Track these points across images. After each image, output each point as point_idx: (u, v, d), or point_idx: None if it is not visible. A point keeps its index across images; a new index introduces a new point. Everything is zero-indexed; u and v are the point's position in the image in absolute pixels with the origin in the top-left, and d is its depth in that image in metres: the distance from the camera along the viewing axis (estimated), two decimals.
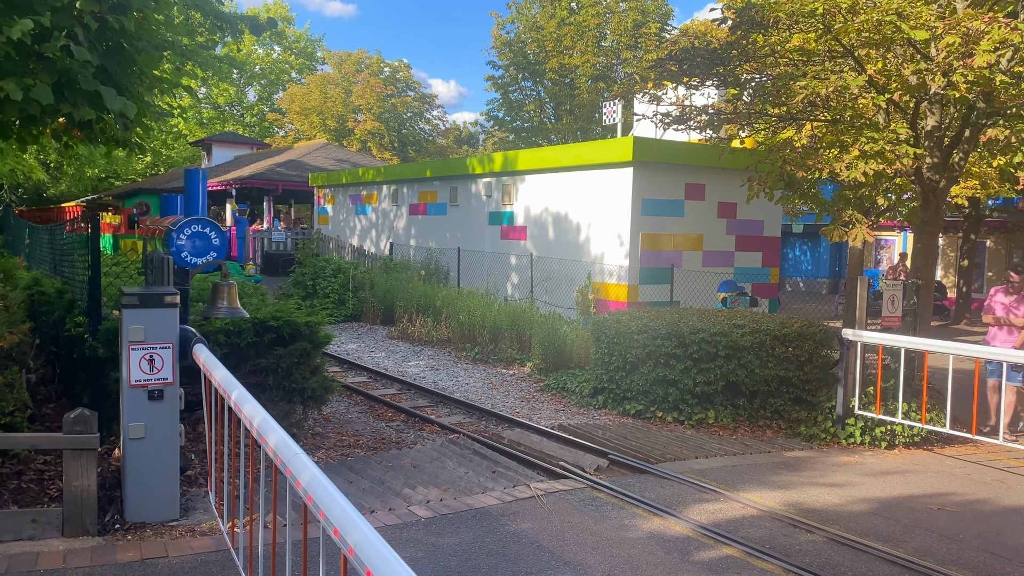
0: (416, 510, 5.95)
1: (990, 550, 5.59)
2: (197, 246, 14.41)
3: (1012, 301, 9.06)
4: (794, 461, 7.75)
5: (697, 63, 10.66)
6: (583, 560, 5.13)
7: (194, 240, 14.21)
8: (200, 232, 14.73)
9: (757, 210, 14.83)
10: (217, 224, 14.75)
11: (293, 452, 3.03)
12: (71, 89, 5.11)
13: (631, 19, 28.80)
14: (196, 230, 14.89)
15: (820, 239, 30.95)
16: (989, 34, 7.88)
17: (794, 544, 5.54)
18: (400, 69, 49.30)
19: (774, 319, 9.60)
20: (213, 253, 14.86)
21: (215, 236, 15.35)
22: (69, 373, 7.59)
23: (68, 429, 5.13)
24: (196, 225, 14.93)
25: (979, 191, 16.30)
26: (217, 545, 5.10)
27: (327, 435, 8.18)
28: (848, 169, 8.88)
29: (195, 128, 46.62)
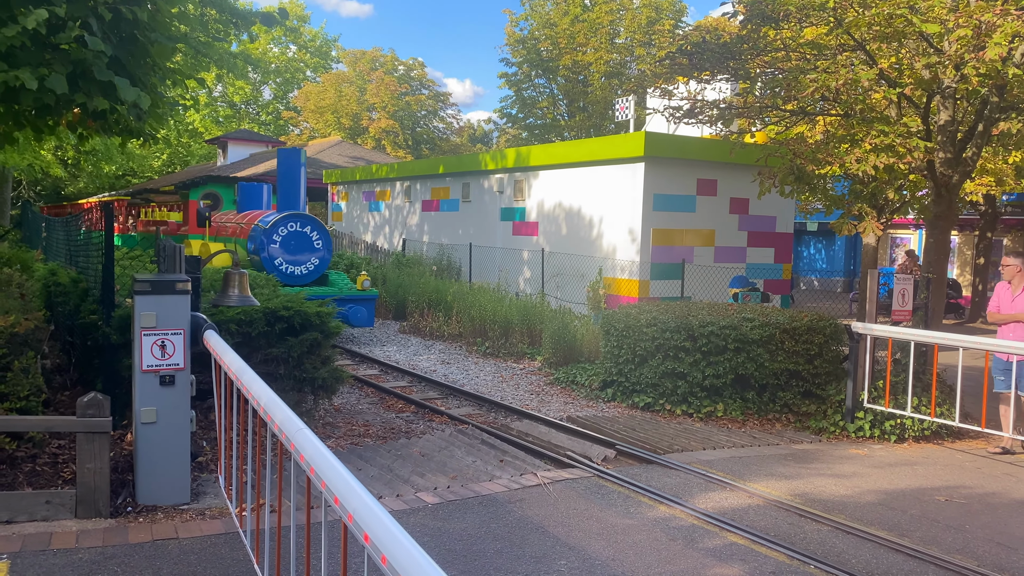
0: (423, 496, 6.01)
1: (996, 540, 5.58)
2: (294, 250, 12.88)
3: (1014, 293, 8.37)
4: (802, 453, 7.75)
5: (708, 57, 10.66)
6: (588, 546, 5.17)
7: (290, 242, 12.81)
8: (298, 232, 13.02)
9: (769, 206, 14.79)
10: (319, 222, 13.08)
11: (297, 428, 3.09)
12: (85, 79, 5.19)
13: (645, 16, 28.76)
14: (293, 229, 12.99)
15: (835, 237, 30.81)
16: (1001, 27, 7.85)
17: (799, 532, 5.55)
18: (414, 67, 49.43)
19: (784, 313, 9.60)
20: (315, 260, 13.15)
21: (317, 237, 13.30)
22: (84, 361, 7.71)
23: (81, 413, 5.22)
24: (293, 223, 13.03)
25: (994, 188, 16.18)
26: (226, 528, 5.18)
27: (337, 425, 8.26)
28: (858, 163, 8.87)
29: (211, 126, 46.94)
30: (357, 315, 12.77)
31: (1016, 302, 8.23)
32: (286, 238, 12.75)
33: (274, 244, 12.65)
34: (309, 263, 12.97)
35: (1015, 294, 8.28)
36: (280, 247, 12.69)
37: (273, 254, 12.72)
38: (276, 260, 12.68)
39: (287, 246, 12.71)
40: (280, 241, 12.68)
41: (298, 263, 12.85)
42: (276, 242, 12.66)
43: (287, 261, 12.81)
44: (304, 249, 12.90)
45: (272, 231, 12.71)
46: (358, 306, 12.82)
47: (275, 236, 12.72)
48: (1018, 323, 8.15)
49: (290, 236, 12.78)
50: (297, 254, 12.83)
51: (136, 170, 39.60)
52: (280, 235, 12.74)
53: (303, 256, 12.89)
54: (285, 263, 12.78)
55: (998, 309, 8.38)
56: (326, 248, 13.20)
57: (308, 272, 12.97)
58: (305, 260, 12.90)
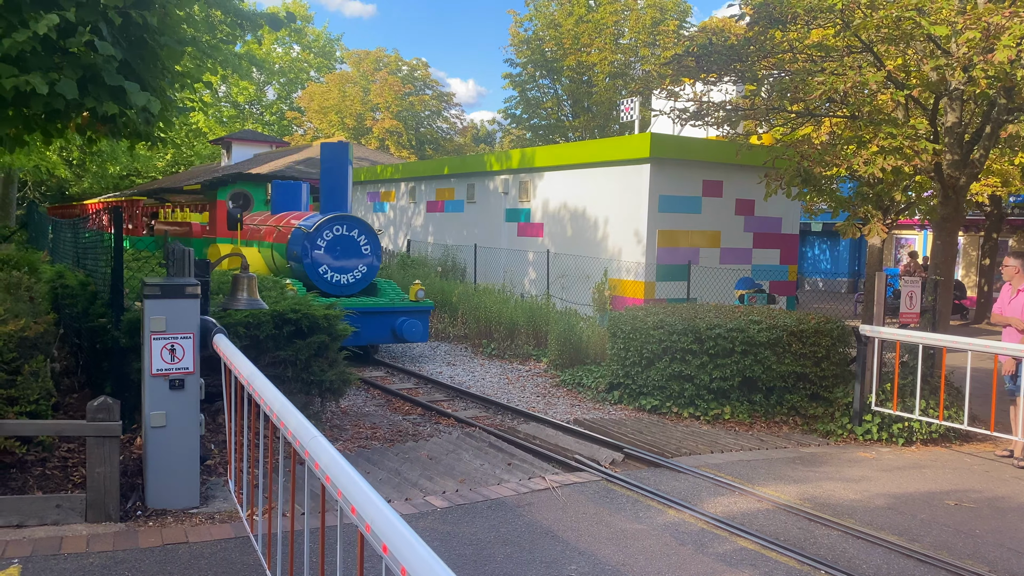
0: (432, 500, 6.01)
1: (1007, 545, 5.56)
2: (341, 256, 11.69)
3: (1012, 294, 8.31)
4: (810, 456, 7.74)
5: (714, 59, 10.65)
6: (597, 551, 5.16)
7: (336, 248, 11.65)
8: (345, 236, 11.80)
9: (775, 207, 14.77)
10: (367, 224, 12.06)
11: (311, 435, 3.09)
12: (95, 83, 5.20)
13: (649, 16, 28.73)
14: (340, 233, 11.77)
15: (839, 238, 30.76)
16: (1010, 29, 7.82)
17: (809, 537, 5.54)
18: (418, 68, 49.43)
19: (791, 315, 9.58)
20: (362, 267, 11.93)
21: (365, 242, 12.06)
22: (92, 363, 7.72)
23: (91, 417, 5.23)
24: (340, 226, 11.81)
25: (1000, 189, 16.14)
26: (236, 532, 5.19)
27: (345, 427, 8.26)
28: (866, 165, 8.85)
29: (215, 126, 46.99)
30: (411, 329, 11.46)
31: (1013, 304, 8.21)
32: (332, 243, 11.66)
33: (318, 250, 11.57)
34: (356, 271, 11.87)
35: (1012, 296, 8.27)
36: (325, 253, 11.62)
37: (317, 261, 11.63)
38: (320, 268, 11.60)
39: (333, 252, 11.65)
40: (325, 246, 11.60)
41: (344, 271, 11.77)
42: (321, 247, 11.57)
43: (332, 269, 11.70)
44: (351, 255, 11.82)
45: (316, 235, 11.62)
46: (412, 319, 11.57)
47: (319, 241, 11.62)
48: (1011, 327, 8.11)
49: (336, 241, 11.70)
50: (343, 261, 11.76)
51: (140, 170, 39.63)
52: (325, 239, 11.64)
53: (350, 263, 11.80)
54: (330, 271, 11.68)
55: (1000, 311, 8.40)
56: (374, 254, 12.08)
57: (355, 281, 11.88)
58: (352, 267, 11.81)
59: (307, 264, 11.45)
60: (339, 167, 12.24)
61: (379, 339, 11.52)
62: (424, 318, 11.80)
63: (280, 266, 12.54)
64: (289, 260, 12.06)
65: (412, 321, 11.41)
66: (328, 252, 11.60)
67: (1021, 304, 8.10)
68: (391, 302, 11.68)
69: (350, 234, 11.77)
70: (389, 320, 11.47)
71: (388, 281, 12.55)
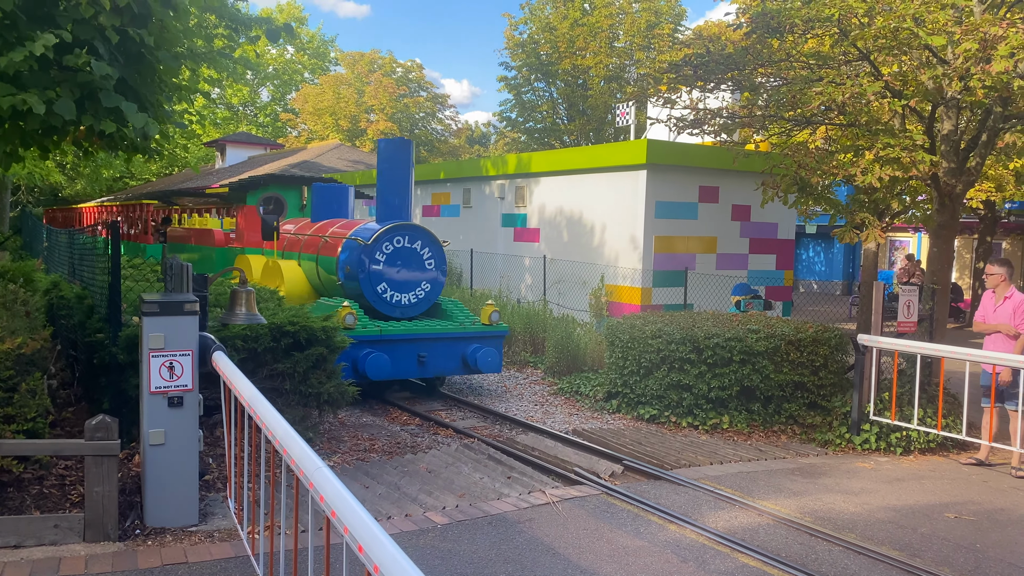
0: (432, 516, 5.99)
1: (1008, 560, 5.57)
2: (402, 272, 10.18)
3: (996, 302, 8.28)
4: (809, 467, 7.74)
5: (712, 68, 10.65)
6: (599, 569, 5.15)
7: (396, 262, 10.12)
8: (406, 249, 10.22)
9: (771, 213, 14.78)
10: (431, 233, 10.46)
11: (316, 466, 3.06)
12: (93, 101, 5.16)
13: (644, 20, 28.72)
14: (401, 244, 10.15)
15: (834, 240, 30.81)
16: (1007, 39, 7.84)
17: (811, 553, 5.54)
18: (413, 69, 49.39)
19: (789, 324, 9.58)
20: (426, 284, 10.31)
21: (429, 255, 10.41)
22: (88, 377, 7.67)
23: (90, 436, 5.20)
24: (401, 236, 10.19)
25: (994, 194, 16.20)
26: (236, 551, 5.15)
27: (343, 439, 8.23)
28: (864, 174, 8.85)
29: (209, 128, 46.89)
30: (487, 358, 9.93)
31: (999, 312, 8.21)
32: (392, 256, 10.16)
33: (377, 264, 10.05)
34: (419, 288, 10.39)
35: (997, 303, 8.25)
36: (385, 268, 10.11)
37: (376, 277, 10.08)
38: (379, 285, 10.09)
39: (393, 267, 10.18)
40: (385, 260, 10.09)
41: (406, 288, 10.28)
42: (380, 261, 10.06)
43: (392, 286, 10.20)
44: (413, 270, 10.36)
45: (375, 247, 10.04)
46: (487, 347, 10.04)
47: (379, 254, 10.05)
48: (999, 333, 8.11)
49: (397, 254, 10.21)
50: (405, 277, 10.31)
51: (134, 173, 39.50)
52: (385, 252, 10.10)
53: (412, 279, 10.33)
54: (390, 289, 10.18)
55: (983, 319, 8.37)
56: (439, 269, 10.56)
57: (417, 300, 10.41)
58: (415, 284, 10.34)
59: (363, 280, 10.02)
60: (399, 167, 10.55)
61: (448, 370, 10.06)
62: (499, 344, 10.33)
63: (326, 282, 11.03)
64: (340, 276, 10.54)
65: (487, 349, 9.97)
66: (388, 267, 10.16)
67: (1008, 311, 8.12)
68: (460, 326, 10.20)
69: (412, 246, 10.34)
70: (460, 347, 10.00)
71: (453, 300, 11.06)
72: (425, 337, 9.76)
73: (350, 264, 10.20)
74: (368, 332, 9.38)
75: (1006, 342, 8.06)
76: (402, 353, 9.55)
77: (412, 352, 9.63)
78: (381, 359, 9.18)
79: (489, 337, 10.23)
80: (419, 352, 9.67)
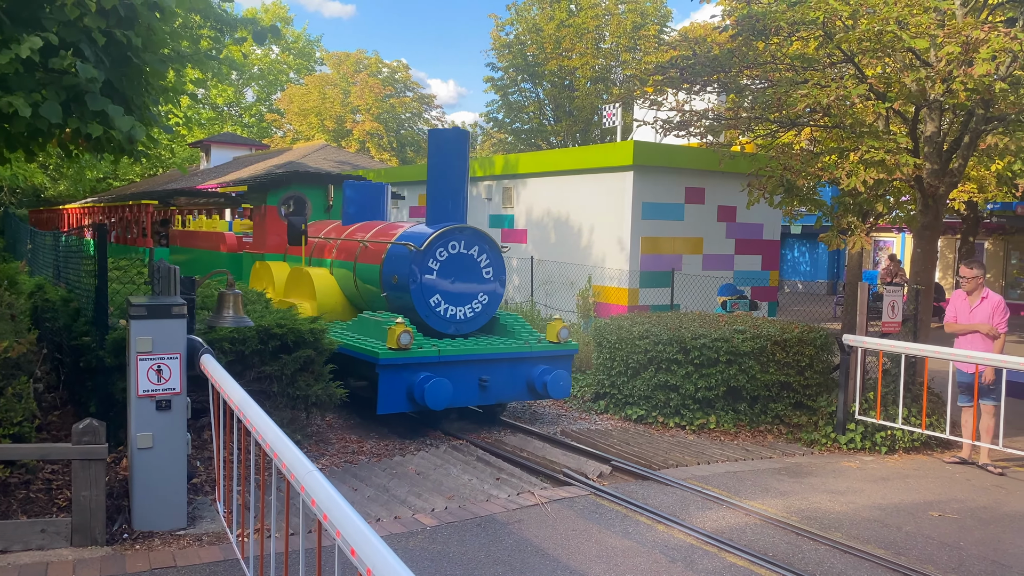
0: (422, 518, 6.00)
1: (990, 557, 5.64)
2: (457, 282, 8.89)
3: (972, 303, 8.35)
4: (795, 467, 7.80)
5: (697, 69, 10.71)
6: (588, 569, 5.17)
7: (451, 270, 8.82)
8: (462, 256, 8.89)
9: (757, 214, 14.87)
10: (489, 237, 9.15)
11: (307, 469, 3.07)
12: (79, 103, 5.14)
13: (630, 21, 28.83)
14: (456, 251, 8.79)
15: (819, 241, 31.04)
16: (989, 42, 7.93)
17: (797, 552, 5.59)
18: (399, 69, 49.35)
19: (774, 324, 9.66)
20: (483, 296, 8.96)
21: (487, 263, 9.03)
22: (75, 381, 7.63)
23: (77, 440, 5.17)
24: (456, 241, 8.82)
25: (977, 195, 16.36)
26: (225, 554, 5.15)
27: (331, 441, 8.22)
28: (849, 176, 8.93)
29: (194, 128, 46.66)
30: (557, 382, 8.64)
31: (975, 312, 8.29)
32: (447, 264, 8.86)
33: (430, 274, 8.75)
34: (475, 302, 9.07)
35: (973, 304, 8.33)
36: (439, 278, 8.81)
37: (428, 288, 8.76)
38: (432, 298, 8.80)
39: (447, 276, 8.88)
40: (439, 269, 8.81)
41: (461, 301, 8.99)
42: (433, 270, 8.77)
43: (447, 299, 8.89)
44: (470, 279, 9.06)
45: (428, 254, 8.74)
46: (557, 368, 8.80)
47: (432, 261, 8.76)
48: (977, 333, 8.21)
49: (452, 261, 8.90)
50: (461, 288, 9.01)
51: (118, 174, 39.24)
52: (439, 259, 8.83)
53: (469, 290, 9.04)
54: (444, 302, 8.87)
55: (955, 319, 8.43)
56: (497, 278, 9.23)
57: (474, 315, 9.09)
58: (470, 297, 9.04)
59: (414, 292, 8.71)
60: (453, 160, 9.03)
61: (511, 395, 8.86)
62: (568, 366, 9.08)
63: (365, 294, 9.79)
64: (383, 287, 9.25)
65: (558, 372, 8.70)
66: (442, 276, 8.86)
67: (987, 311, 8.22)
68: (525, 344, 8.88)
69: (469, 252, 9.03)
70: (524, 369, 8.79)
71: (512, 315, 9.66)
72: (488, 358, 8.54)
73: (398, 273, 8.93)
74: (425, 353, 8.16)
75: (984, 342, 8.15)
76: (462, 377, 8.34)
77: (473, 375, 8.44)
78: (442, 385, 7.94)
79: (558, 357, 9.00)
80: (480, 375, 8.47)
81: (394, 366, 7.99)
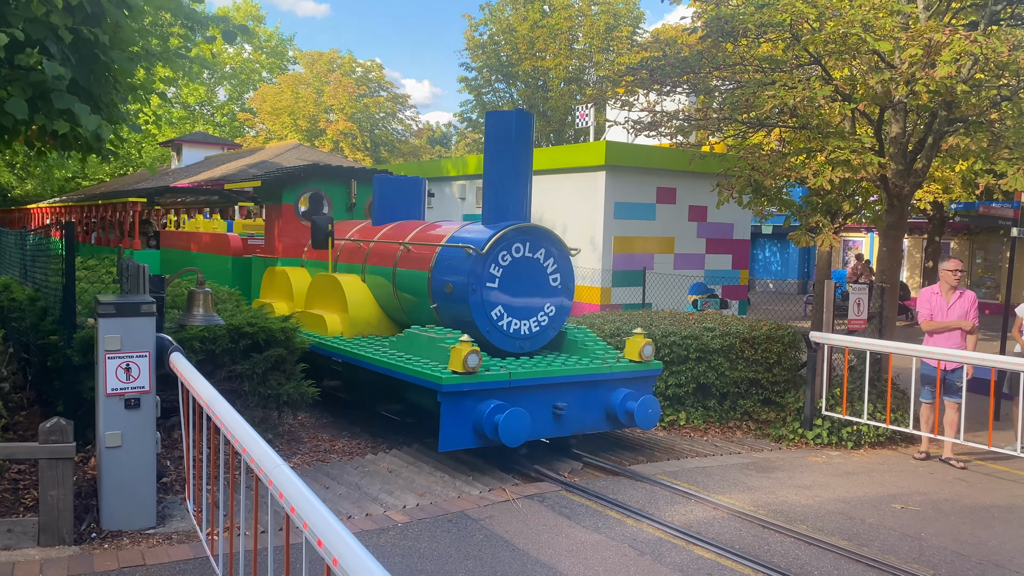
0: (393, 515, 6.02)
1: (950, 548, 5.78)
2: (520, 291, 7.59)
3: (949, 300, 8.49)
4: (764, 462, 7.92)
5: (668, 71, 10.83)
6: (558, 564, 5.23)
7: (514, 277, 7.55)
8: (528, 260, 7.65)
9: (727, 213, 15.05)
10: (556, 237, 7.97)
11: (275, 463, 3.10)
12: (45, 101, 5.11)
13: (603, 22, 29.02)
14: (521, 254, 7.68)
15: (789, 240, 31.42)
16: (950, 45, 8.11)
17: (763, 545, 5.69)
18: (372, 69, 49.19)
19: (744, 322, 9.79)
20: (550, 308, 7.84)
21: (554, 268, 7.94)
22: (42, 380, 7.56)
23: (44, 439, 5.14)
24: (521, 242, 7.73)
25: (942, 195, 16.67)
26: (195, 552, 5.14)
27: (303, 440, 8.21)
28: (815, 176, 9.09)
29: (165, 127, 46.16)
30: (645, 410, 7.38)
31: (953, 309, 8.43)
32: (510, 270, 7.56)
33: (492, 282, 7.46)
34: (541, 315, 7.77)
35: (951, 301, 8.46)
36: (501, 286, 7.52)
37: (490, 299, 7.46)
38: (494, 311, 7.49)
39: (511, 284, 7.58)
40: (502, 276, 7.51)
41: (525, 314, 7.68)
42: (495, 277, 7.48)
43: (510, 312, 7.57)
44: (535, 289, 7.74)
45: (490, 258, 7.45)
46: (644, 394, 7.52)
47: (494, 267, 7.47)
48: (954, 330, 8.37)
49: (516, 267, 7.60)
50: (525, 299, 7.68)
51: (87, 173, 38.72)
52: (502, 265, 7.52)
53: (533, 302, 7.73)
54: (507, 315, 7.56)
55: (931, 317, 8.49)
56: (565, 287, 7.94)
57: (540, 330, 7.81)
58: (536, 310, 7.73)
59: (474, 303, 7.42)
60: (515, 148, 7.66)
61: (588, 424, 7.52)
62: (651, 389, 7.90)
63: (408, 305, 8.47)
64: (433, 297, 7.94)
65: (647, 398, 7.41)
66: (505, 285, 7.56)
67: (964, 307, 8.37)
68: (604, 364, 7.54)
69: (535, 256, 7.73)
70: (602, 394, 7.49)
71: (580, 328, 8.34)
72: (563, 381, 7.25)
73: (454, 281, 7.64)
74: (495, 377, 6.86)
75: (962, 338, 8.31)
76: (535, 405, 7.07)
77: (546, 403, 7.17)
78: (519, 417, 6.66)
79: (641, 379, 7.72)
80: (555, 402, 7.20)
81: (459, 393, 6.69)
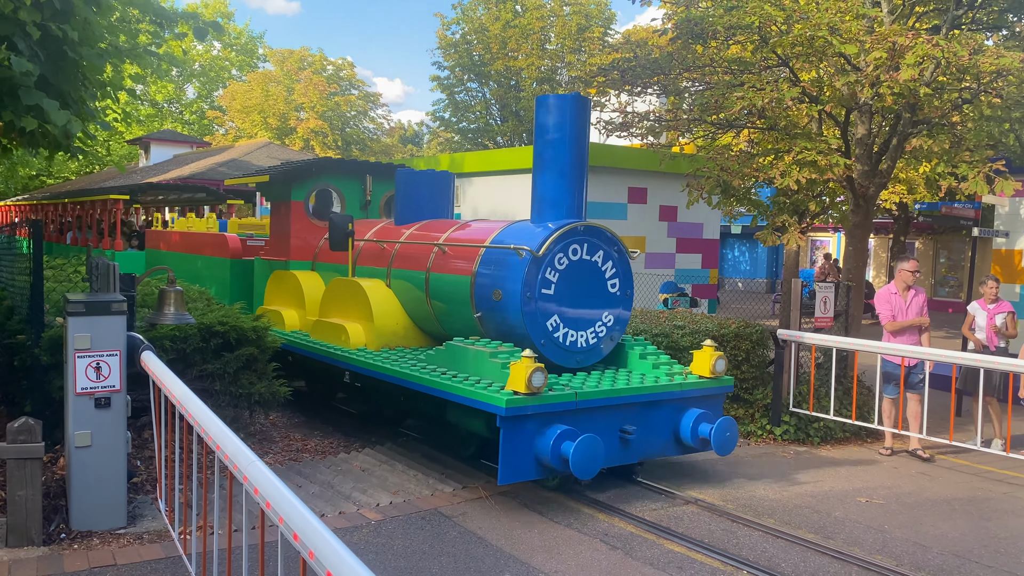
0: (367, 513, 6.04)
1: (913, 539, 5.92)
2: (576, 299, 6.83)
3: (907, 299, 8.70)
4: (732, 458, 8.03)
5: (639, 72, 10.94)
6: (531, 559, 5.28)
7: (570, 282, 6.78)
8: (584, 263, 6.87)
9: (697, 213, 15.20)
10: (614, 236, 7.17)
11: (249, 460, 3.11)
12: (12, 97, 5.06)
13: (575, 23, 29.14)
14: (578, 256, 6.94)
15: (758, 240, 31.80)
16: (913, 49, 8.28)
17: (732, 538, 5.79)
18: (344, 67, 48.89)
19: (713, 320, 9.91)
20: (608, 317, 7.15)
21: (613, 272, 7.25)
22: (8, 380, 7.45)
23: (12, 439, 5.09)
24: (578, 243, 6.96)
25: (907, 196, 16.99)
26: (167, 552, 5.12)
27: (275, 439, 8.19)
28: (783, 176, 9.23)
29: (133, 125, 45.53)
30: (723, 434, 6.63)
31: (911, 308, 8.67)
32: (566, 275, 6.80)
33: (547, 288, 6.68)
34: (599, 324, 7.04)
35: (908, 300, 8.68)
36: (557, 293, 6.74)
37: (546, 308, 6.70)
38: (549, 321, 6.73)
39: (567, 291, 6.81)
40: (558, 281, 6.73)
41: (582, 325, 6.93)
42: (551, 283, 6.70)
43: (566, 322, 6.81)
44: (593, 295, 7.00)
45: (546, 261, 6.66)
46: (718, 414, 6.95)
47: (550, 271, 6.68)
48: (911, 327, 8.62)
49: (573, 271, 6.85)
50: (582, 307, 6.93)
51: (52, 171, 38.11)
52: (558, 268, 6.74)
53: (590, 311, 6.99)
54: (563, 325, 6.80)
55: (894, 317, 8.69)
56: (624, 293, 7.28)
57: (598, 341, 7.07)
58: (593, 319, 6.99)
59: (527, 313, 6.59)
60: (570, 138, 6.90)
61: (656, 450, 6.78)
62: (721, 408, 7.14)
63: (443, 314, 7.71)
64: (477, 305, 7.11)
65: (725, 420, 6.65)
66: (561, 291, 6.77)
67: (920, 304, 8.65)
68: (672, 381, 6.80)
69: (592, 259, 6.97)
70: (670, 415, 6.74)
71: (639, 340, 7.59)
72: (632, 401, 6.46)
73: (503, 287, 6.77)
74: (560, 398, 6.04)
75: (919, 334, 8.55)
76: (601, 428, 6.26)
77: (613, 425, 6.38)
78: (593, 445, 5.81)
79: (713, 397, 7.00)
80: (622, 424, 6.42)
81: (522, 417, 5.85)
